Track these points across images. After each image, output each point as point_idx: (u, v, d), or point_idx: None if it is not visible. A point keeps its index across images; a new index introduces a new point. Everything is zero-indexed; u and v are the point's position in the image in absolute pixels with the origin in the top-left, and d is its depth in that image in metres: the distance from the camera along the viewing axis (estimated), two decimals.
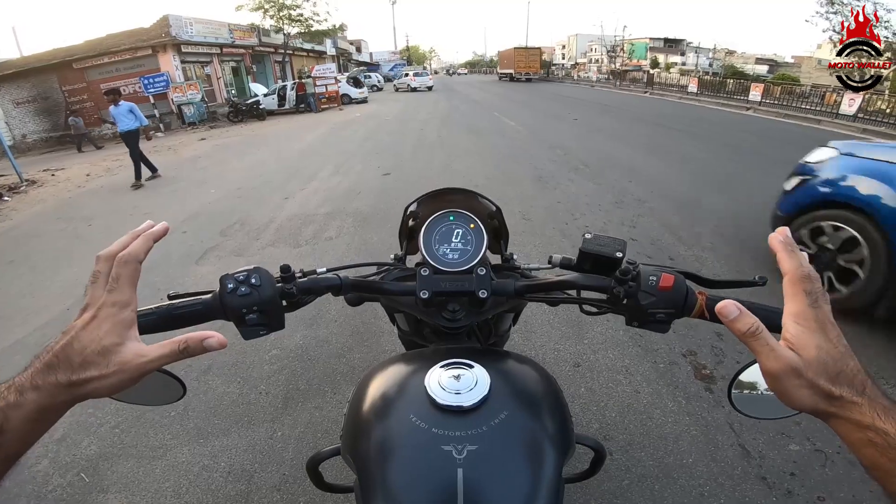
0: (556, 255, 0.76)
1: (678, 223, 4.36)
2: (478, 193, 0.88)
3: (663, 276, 0.61)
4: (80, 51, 16.89)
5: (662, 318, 0.61)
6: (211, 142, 12.30)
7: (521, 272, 0.86)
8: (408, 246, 0.96)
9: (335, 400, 2.19)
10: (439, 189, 0.88)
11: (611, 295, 0.64)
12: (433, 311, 0.76)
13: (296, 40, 24.97)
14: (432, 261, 0.77)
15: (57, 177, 9.11)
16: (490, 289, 0.72)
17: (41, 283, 3.78)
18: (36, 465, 1.91)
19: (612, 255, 0.67)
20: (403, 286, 0.76)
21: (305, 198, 5.81)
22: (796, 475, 1.71)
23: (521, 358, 0.72)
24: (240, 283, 0.60)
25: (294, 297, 0.65)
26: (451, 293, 0.74)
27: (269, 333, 0.63)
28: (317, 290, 0.69)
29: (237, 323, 0.61)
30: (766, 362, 0.39)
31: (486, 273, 0.74)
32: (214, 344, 0.44)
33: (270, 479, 1.78)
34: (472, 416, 0.55)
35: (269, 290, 0.61)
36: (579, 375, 2.28)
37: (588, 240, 0.69)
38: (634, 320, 0.64)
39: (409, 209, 0.90)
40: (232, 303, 0.59)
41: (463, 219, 0.81)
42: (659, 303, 0.60)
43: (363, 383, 0.68)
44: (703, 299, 0.61)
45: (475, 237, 0.79)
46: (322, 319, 2.86)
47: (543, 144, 8.72)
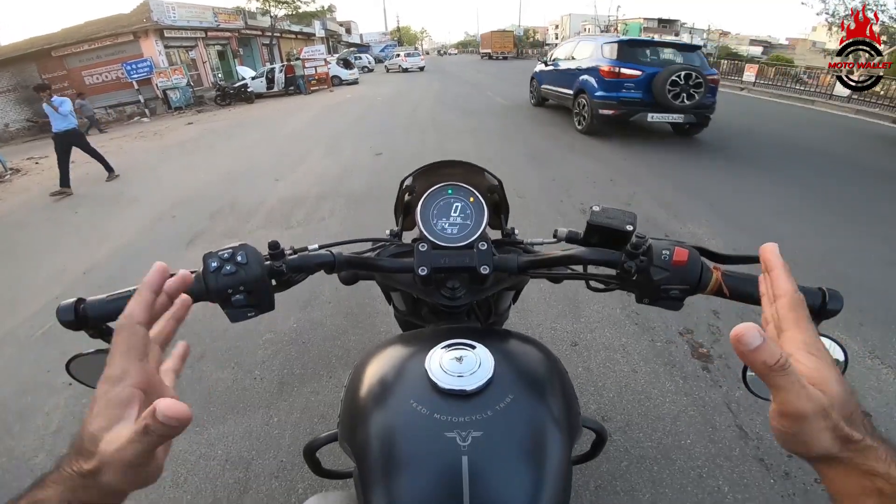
0: (561, 228, 0.72)
1: (673, 198, 4.34)
2: (477, 166, 0.84)
3: (677, 249, 0.57)
4: (57, 39, 16.52)
5: (676, 294, 0.58)
6: (198, 126, 12.06)
7: (523, 247, 0.82)
8: (404, 221, 0.91)
9: (331, 384, 2.17)
10: (436, 161, 0.84)
11: (621, 270, 0.61)
12: (432, 288, 0.73)
13: (283, 23, 24.45)
14: (430, 236, 0.73)
15: (41, 165, 8.92)
16: (492, 265, 0.68)
17: (28, 273, 3.70)
18: (33, 458, 1.88)
19: (622, 227, 0.63)
20: (400, 263, 0.71)
21: (296, 180, 5.73)
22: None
23: (525, 338, 0.69)
24: (224, 262, 0.56)
25: (284, 276, 0.61)
26: (451, 269, 0.70)
27: (258, 315, 0.60)
28: (308, 268, 0.64)
29: (222, 304, 0.57)
30: (794, 402, 0.31)
31: (487, 248, 0.70)
32: (167, 412, 0.30)
33: (268, 465, 1.77)
34: (476, 401, 0.52)
35: (256, 269, 0.57)
36: (576, 354, 2.27)
37: (596, 212, 0.65)
38: (646, 297, 0.61)
39: (405, 183, 0.86)
40: (216, 283, 0.56)
41: (462, 192, 0.76)
42: (672, 278, 0.57)
43: (359, 367, 0.65)
44: (718, 275, 0.57)
45: (475, 211, 0.75)
46: (316, 301, 2.83)
47: (537, 123, 8.61)
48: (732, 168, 5.48)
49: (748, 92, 14.59)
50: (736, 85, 15.82)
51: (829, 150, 6.49)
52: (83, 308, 0.55)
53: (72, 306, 0.54)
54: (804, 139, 7.26)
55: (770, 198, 4.44)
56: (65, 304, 0.54)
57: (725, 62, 19.58)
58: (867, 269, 3.01)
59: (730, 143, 6.82)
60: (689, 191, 4.62)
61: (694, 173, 5.27)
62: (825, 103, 11.79)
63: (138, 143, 10.23)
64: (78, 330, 0.56)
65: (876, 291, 2.74)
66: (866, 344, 2.29)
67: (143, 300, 0.38)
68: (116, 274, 3.48)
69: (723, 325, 2.44)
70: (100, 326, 0.56)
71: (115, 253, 3.91)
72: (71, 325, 0.55)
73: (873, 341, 2.31)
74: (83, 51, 16.63)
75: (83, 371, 0.58)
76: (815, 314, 0.57)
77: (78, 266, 3.69)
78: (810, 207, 4.18)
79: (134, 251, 3.91)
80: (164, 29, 16.78)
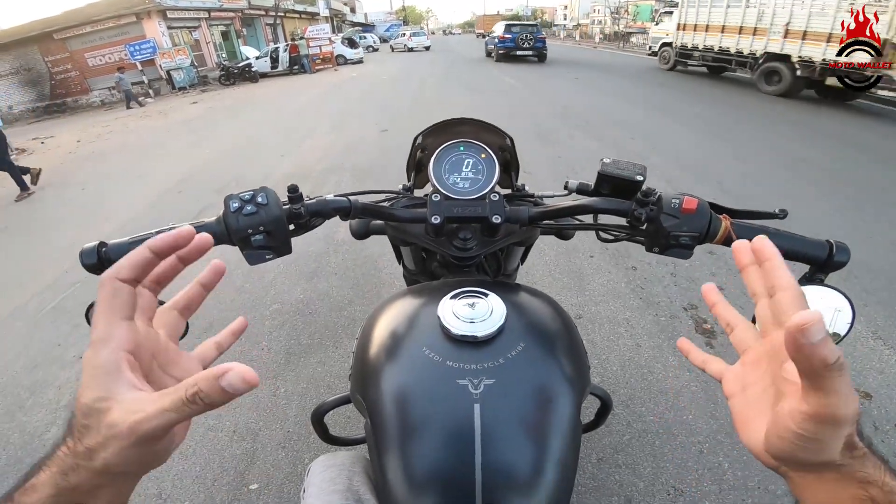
0: (571, 180, 0.72)
1: (681, 178, 4.30)
2: (489, 123, 0.83)
3: (686, 198, 0.57)
4: (58, 21, 16.37)
5: (686, 241, 0.58)
6: (203, 105, 12.00)
7: (534, 200, 0.82)
8: (416, 178, 0.92)
9: (337, 354, 2.19)
10: (449, 119, 0.84)
11: (631, 218, 0.61)
12: (443, 240, 0.73)
13: (287, 2, 24.06)
14: (443, 189, 0.73)
15: (47, 145, 8.94)
16: (504, 215, 0.69)
17: (37, 250, 3.74)
18: (45, 432, 1.91)
19: (632, 178, 0.63)
20: (414, 213, 0.72)
21: (302, 155, 5.73)
22: None
23: (535, 291, 0.69)
24: (245, 203, 0.56)
25: (302, 219, 0.62)
26: (464, 219, 0.71)
27: (276, 258, 0.60)
28: (325, 213, 0.65)
29: (242, 246, 0.58)
30: (838, 406, 0.27)
31: (499, 199, 0.70)
32: (238, 382, 0.28)
33: (275, 436, 1.80)
34: (488, 348, 0.52)
35: (276, 210, 0.57)
36: (581, 328, 2.24)
37: (607, 164, 0.65)
38: (655, 245, 0.61)
39: (418, 140, 0.86)
40: (237, 223, 0.56)
41: (474, 149, 0.77)
42: (682, 225, 0.57)
43: (371, 319, 0.65)
44: (727, 223, 0.57)
45: (486, 166, 0.75)
46: (322, 272, 2.84)
47: (543, 102, 8.53)
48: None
49: None
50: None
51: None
52: (105, 251, 0.56)
53: (94, 249, 0.55)
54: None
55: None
56: (87, 248, 0.55)
57: None
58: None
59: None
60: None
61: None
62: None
63: (144, 122, 10.20)
64: (99, 273, 0.56)
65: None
66: (870, 324, 2.27)
67: (135, 258, 0.32)
68: None
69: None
70: None
71: (122, 227, 3.95)
72: (93, 269, 0.55)
73: (876, 322, 2.29)
74: (86, 33, 16.50)
75: None
76: (821, 266, 0.57)
77: (86, 240, 3.59)
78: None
79: (139, 226, 3.92)
80: (166, 10, 16.56)
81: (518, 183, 0.89)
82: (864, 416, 1.79)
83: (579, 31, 46.46)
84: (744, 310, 0.40)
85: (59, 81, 16.98)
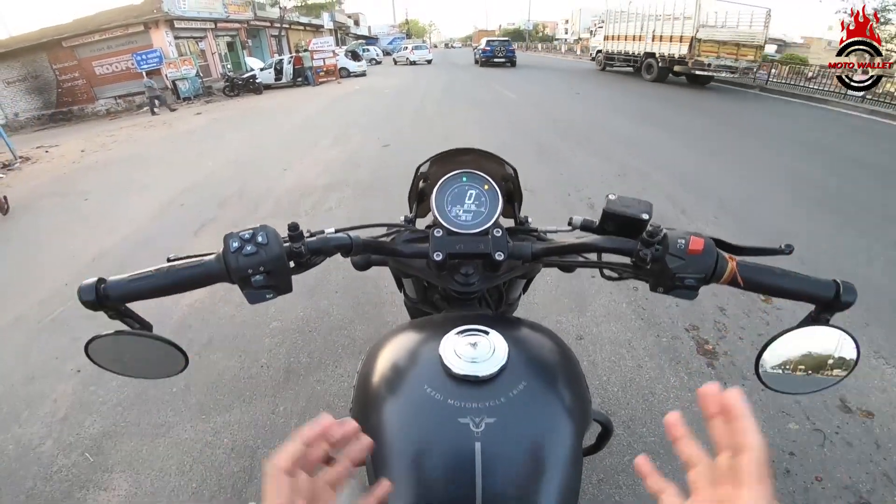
0: (576, 216, 0.72)
1: (682, 196, 4.31)
2: (492, 154, 0.83)
3: (692, 238, 0.57)
4: (69, 29, 16.54)
5: (691, 283, 0.58)
6: (207, 116, 12.09)
7: (537, 235, 0.82)
8: (418, 208, 0.91)
9: (336, 373, 2.18)
10: (451, 149, 0.83)
11: (636, 258, 0.60)
12: (446, 274, 0.73)
13: (292, 14, 24.38)
14: (445, 222, 0.73)
15: (51, 153, 8.98)
16: (507, 251, 0.69)
17: (38, 260, 3.74)
18: (40, 445, 1.90)
19: (637, 216, 0.63)
20: (416, 248, 0.72)
21: (304, 169, 5.74)
22: (795, 454, 1.71)
23: (537, 326, 0.69)
24: (245, 242, 0.57)
25: (303, 258, 0.61)
26: (466, 255, 0.70)
27: (276, 297, 0.60)
28: (326, 250, 0.65)
29: (242, 285, 0.58)
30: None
31: (502, 235, 0.70)
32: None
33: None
34: (489, 387, 0.52)
35: (276, 249, 0.57)
36: (582, 349, 2.27)
37: (612, 201, 0.65)
38: (660, 286, 0.60)
39: (420, 170, 0.86)
40: (237, 263, 0.56)
41: (476, 179, 0.77)
42: (688, 267, 0.57)
43: (373, 352, 0.65)
44: (733, 265, 0.57)
45: (489, 198, 0.75)
46: (322, 290, 2.84)
47: (545, 116, 8.60)
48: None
49: (760, 91, 14.36)
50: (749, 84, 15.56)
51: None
52: (104, 288, 0.55)
53: (93, 286, 0.54)
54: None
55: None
56: (86, 284, 0.54)
57: None
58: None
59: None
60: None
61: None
62: (838, 103, 11.60)
63: (148, 133, 10.27)
64: (98, 310, 0.56)
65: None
66: (872, 344, 2.27)
67: (292, 451, 0.38)
68: (126, 260, 3.52)
69: (729, 321, 2.42)
70: (119, 307, 0.57)
71: (124, 239, 3.95)
72: (91, 305, 0.55)
73: (878, 341, 2.30)
74: (94, 41, 16.66)
75: (103, 354, 0.59)
76: (827, 306, 0.57)
77: (87, 252, 3.73)
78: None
79: (139, 240, 3.93)
80: (174, 20, 16.76)
81: (521, 215, 0.88)
82: (867, 434, 1.79)
83: (580, 45, 46.92)
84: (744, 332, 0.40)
85: (66, 89, 17.10)
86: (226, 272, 0.57)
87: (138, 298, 0.58)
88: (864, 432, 1.80)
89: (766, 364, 0.59)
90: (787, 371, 0.60)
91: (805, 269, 0.59)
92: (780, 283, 0.58)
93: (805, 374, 0.60)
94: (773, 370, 0.60)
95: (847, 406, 1.91)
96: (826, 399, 1.93)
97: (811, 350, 0.58)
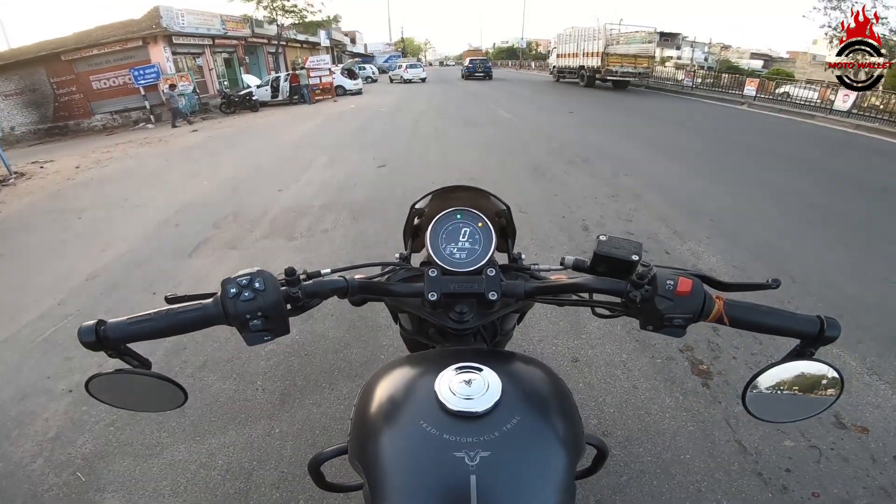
0: (568, 256, 0.74)
1: (674, 216, 4.37)
2: (486, 191, 0.86)
3: (681, 280, 0.59)
4: (68, 43, 16.58)
5: (679, 322, 0.60)
6: (203, 133, 12.14)
7: (530, 273, 0.84)
8: (413, 244, 0.93)
9: (333, 396, 2.18)
10: (445, 186, 0.86)
11: (626, 299, 0.63)
12: (440, 312, 0.74)
13: (289, 31, 24.63)
14: (440, 261, 0.75)
15: (46, 169, 8.95)
16: (500, 290, 0.70)
17: (31, 278, 3.72)
18: (31, 464, 1.88)
19: (627, 258, 0.66)
20: (411, 287, 0.73)
21: (300, 189, 5.76)
22: (792, 471, 1.72)
23: (530, 360, 0.71)
24: (242, 288, 0.58)
25: (300, 301, 0.63)
26: (461, 294, 0.72)
27: (274, 339, 0.62)
28: (323, 294, 0.67)
29: (240, 329, 0.59)
30: None
31: (495, 274, 0.72)
32: None
33: (269, 476, 1.77)
34: (484, 422, 0.54)
35: (273, 295, 0.59)
36: (577, 370, 2.28)
37: (603, 242, 0.68)
38: (650, 324, 0.63)
39: (415, 207, 0.88)
40: (235, 308, 0.58)
41: (470, 217, 0.79)
42: (676, 307, 0.59)
43: (369, 386, 0.66)
44: (720, 304, 0.60)
45: (483, 236, 0.77)
46: (319, 313, 2.83)
47: (539, 136, 8.72)
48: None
49: (748, 107, 14.67)
50: (737, 100, 15.86)
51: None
52: (104, 330, 0.57)
53: (93, 328, 0.56)
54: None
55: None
56: (86, 326, 0.56)
57: (726, 76, 19.64)
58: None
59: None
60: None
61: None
62: (824, 118, 11.86)
63: (143, 149, 10.29)
64: (98, 351, 0.58)
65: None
66: (864, 361, 2.30)
67: None
68: (119, 280, 3.51)
69: (722, 342, 2.45)
70: (119, 347, 0.59)
71: (118, 259, 3.93)
72: (91, 346, 0.57)
73: (871, 358, 2.33)
74: (92, 55, 16.68)
75: (103, 390, 0.60)
76: (812, 342, 0.59)
77: (81, 271, 3.71)
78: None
79: (134, 260, 3.91)
80: (172, 35, 16.87)
81: (515, 251, 0.90)
82: (862, 449, 1.81)
83: None
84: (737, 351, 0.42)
85: (63, 104, 17.08)
86: (224, 316, 0.59)
87: (137, 340, 0.59)
88: (860, 447, 1.82)
89: (752, 395, 0.62)
90: (774, 402, 0.62)
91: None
92: (765, 321, 0.61)
93: (791, 404, 0.62)
94: (759, 401, 0.62)
95: (842, 422, 1.94)
96: (821, 416, 1.95)
97: (796, 382, 0.61)
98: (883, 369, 2.25)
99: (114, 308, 3.07)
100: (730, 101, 15.95)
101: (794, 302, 2.81)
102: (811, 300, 2.83)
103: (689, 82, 20.58)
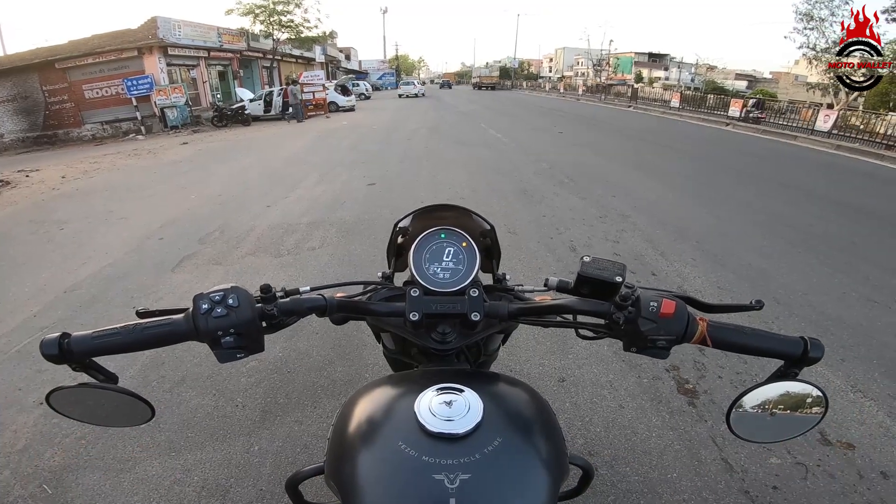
0: (552, 277, 0.73)
1: (660, 237, 4.41)
2: (470, 211, 0.85)
3: (664, 301, 0.59)
4: (63, 51, 16.53)
5: (663, 344, 0.60)
6: (193, 146, 12.10)
7: (514, 294, 0.83)
8: (396, 263, 0.92)
9: (315, 414, 2.13)
10: (430, 205, 0.85)
11: (610, 321, 0.62)
12: (422, 332, 0.73)
13: (285, 46, 24.84)
14: (422, 280, 0.74)
15: (31, 178, 8.84)
16: (483, 311, 0.69)
17: (8, 288, 3.63)
18: None
19: (611, 279, 0.65)
20: (392, 307, 0.72)
21: (288, 206, 5.72)
22: (778, 488, 1.72)
23: (513, 381, 0.70)
24: (215, 304, 0.57)
25: (275, 319, 0.61)
26: (443, 315, 0.70)
27: (247, 356, 0.60)
28: (300, 312, 0.65)
29: (212, 345, 0.58)
30: None
31: (478, 295, 0.71)
32: None
33: (247, 494, 1.72)
34: (465, 444, 0.53)
35: (247, 312, 0.58)
36: (564, 390, 2.26)
37: (587, 263, 0.67)
38: (633, 346, 0.62)
39: (399, 225, 0.87)
40: (206, 325, 0.56)
41: (454, 237, 0.78)
42: (660, 329, 0.59)
43: (348, 406, 0.65)
44: (704, 326, 0.60)
45: (467, 256, 0.76)
46: (302, 331, 2.78)
47: (529, 157, 8.81)
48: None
49: (733, 127, 15.02)
50: (722, 120, 16.23)
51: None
52: (67, 343, 0.55)
53: (56, 341, 0.54)
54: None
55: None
56: (49, 339, 0.54)
57: (712, 97, 20.13)
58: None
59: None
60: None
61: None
62: (806, 138, 12.16)
63: (132, 161, 10.21)
64: (61, 364, 0.55)
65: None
66: (849, 379, 2.32)
67: None
68: (99, 293, 3.44)
69: (708, 361, 2.45)
70: (84, 361, 0.56)
71: (98, 272, 3.86)
72: (54, 360, 0.54)
73: (855, 376, 2.35)
74: (86, 64, 16.60)
75: (65, 404, 0.58)
76: (796, 362, 0.59)
77: (60, 283, 3.63)
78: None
79: (115, 274, 3.82)
80: (168, 46, 16.84)
81: (499, 272, 0.89)
82: (849, 465, 1.81)
83: (563, 84, 48.84)
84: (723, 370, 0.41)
85: (53, 112, 16.95)
86: (195, 332, 0.57)
87: (102, 354, 0.57)
88: (846, 464, 1.82)
89: (737, 416, 0.61)
90: (758, 422, 0.61)
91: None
92: (749, 343, 0.61)
93: (775, 424, 0.62)
94: (744, 422, 0.62)
95: (827, 439, 1.94)
96: (806, 436, 1.95)
97: (781, 402, 0.60)
98: (867, 386, 2.27)
99: (90, 322, 3.00)
100: (714, 122, 16.33)
101: (778, 322, 2.83)
102: (795, 321, 2.85)
103: (676, 103, 21.13)
